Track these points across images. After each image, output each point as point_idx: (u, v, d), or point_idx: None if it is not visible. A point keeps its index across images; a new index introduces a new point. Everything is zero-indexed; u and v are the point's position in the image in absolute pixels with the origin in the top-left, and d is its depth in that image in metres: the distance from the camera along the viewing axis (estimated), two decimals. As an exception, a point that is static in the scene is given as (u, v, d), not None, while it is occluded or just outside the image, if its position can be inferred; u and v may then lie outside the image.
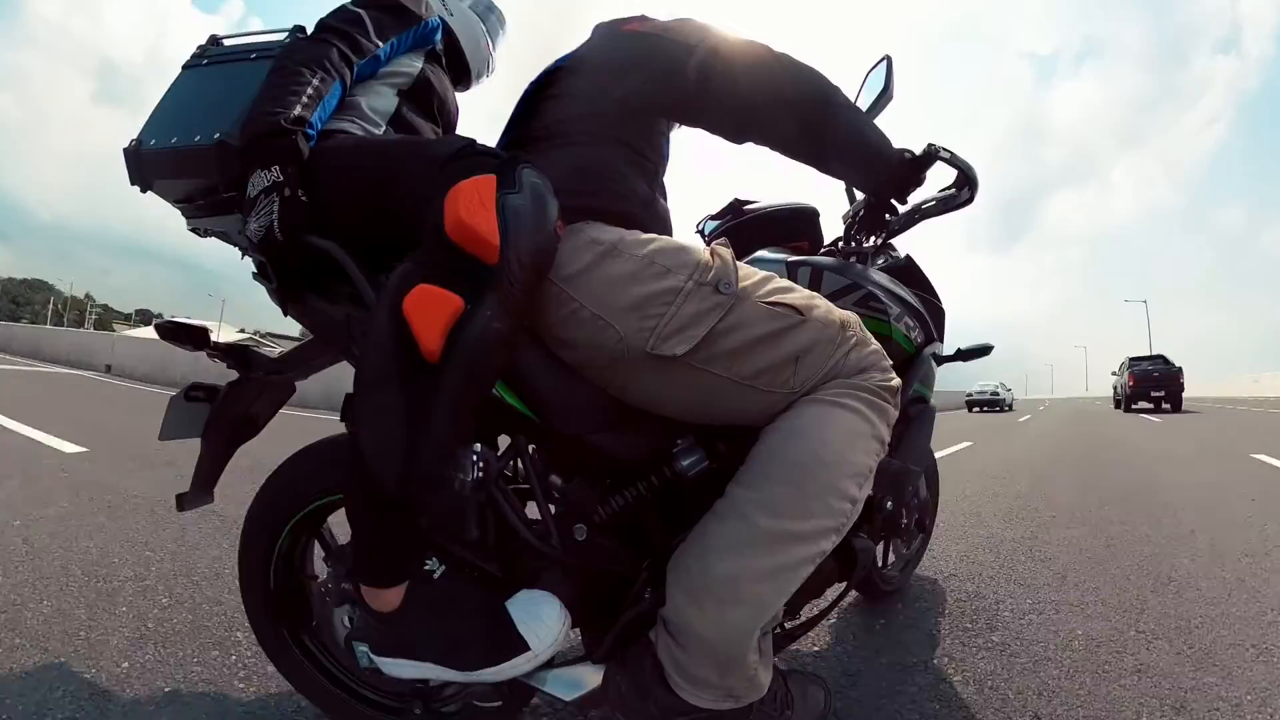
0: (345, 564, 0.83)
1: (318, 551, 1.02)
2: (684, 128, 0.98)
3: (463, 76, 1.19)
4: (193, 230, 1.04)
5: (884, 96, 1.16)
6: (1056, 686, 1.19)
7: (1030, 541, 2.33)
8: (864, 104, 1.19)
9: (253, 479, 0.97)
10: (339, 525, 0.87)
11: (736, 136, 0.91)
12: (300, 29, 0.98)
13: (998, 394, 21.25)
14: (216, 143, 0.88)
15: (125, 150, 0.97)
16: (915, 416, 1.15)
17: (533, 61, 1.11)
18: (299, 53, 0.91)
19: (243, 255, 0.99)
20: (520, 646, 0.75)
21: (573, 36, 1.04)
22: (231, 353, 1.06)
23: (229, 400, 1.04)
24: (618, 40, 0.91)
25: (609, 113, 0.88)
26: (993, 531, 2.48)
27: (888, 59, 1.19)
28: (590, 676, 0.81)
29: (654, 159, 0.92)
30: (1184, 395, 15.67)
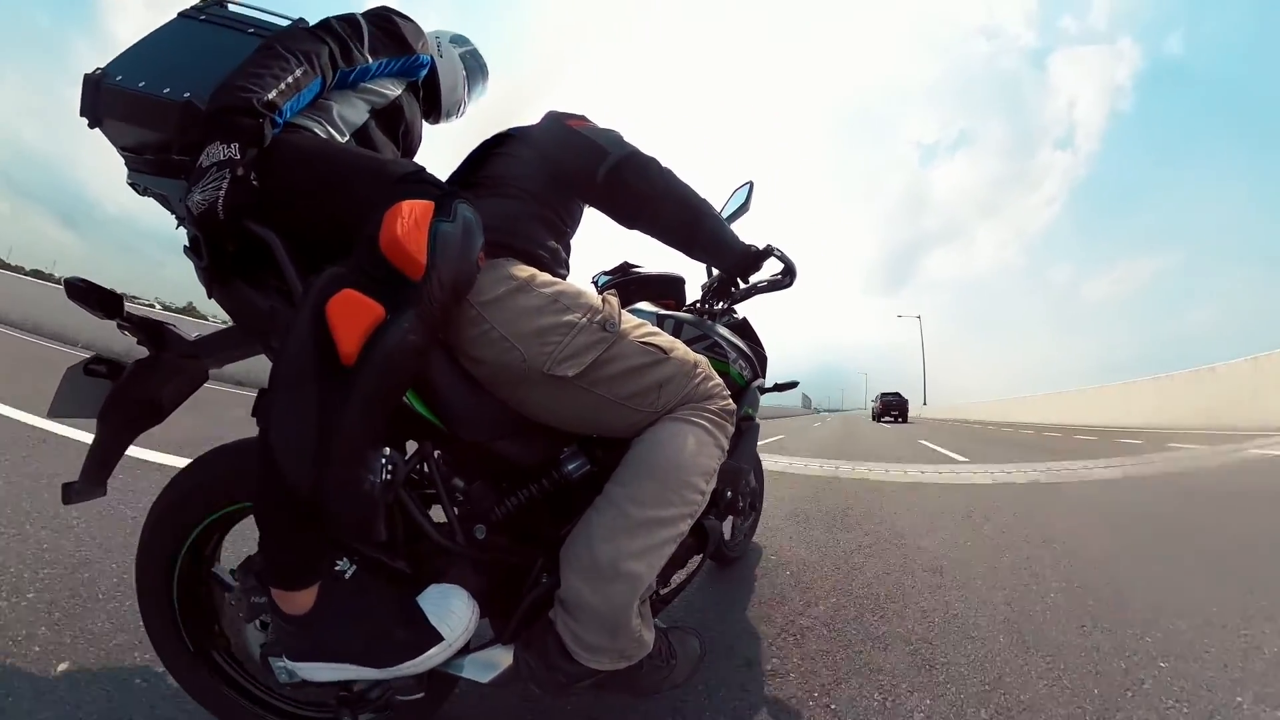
0: (255, 575, 0.69)
1: (225, 563, 0.82)
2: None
3: (434, 111, 1.10)
4: (131, 185, 0.85)
5: (742, 209, 1.32)
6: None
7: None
8: (729, 209, 1.34)
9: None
10: (248, 534, 0.71)
11: (627, 224, 0.97)
12: (302, 21, 0.85)
13: None
14: (184, 101, 0.74)
15: (86, 77, 0.77)
16: (745, 430, 1.26)
17: (487, 122, 1.03)
18: (292, 40, 0.78)
19: (177, 225, 0.82)
20: (434, 638, 0.68)
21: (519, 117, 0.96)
22: (145, 327, 0.86)
23: (134, 380, 0.84)
24: (560, 130, 0.94)
25: (540, 180, 0.91)
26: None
27: (750, 184, 1.36)
28: (502, 658, 0.75)
29: (567, 222, 0.96)
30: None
